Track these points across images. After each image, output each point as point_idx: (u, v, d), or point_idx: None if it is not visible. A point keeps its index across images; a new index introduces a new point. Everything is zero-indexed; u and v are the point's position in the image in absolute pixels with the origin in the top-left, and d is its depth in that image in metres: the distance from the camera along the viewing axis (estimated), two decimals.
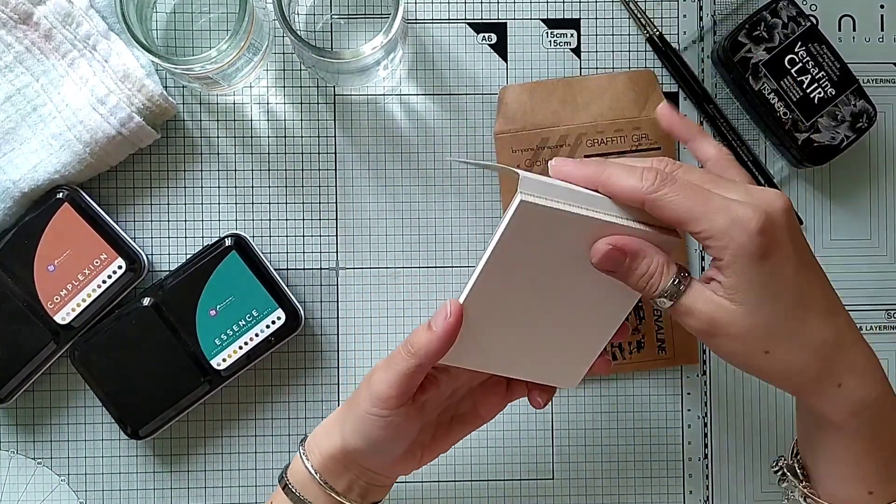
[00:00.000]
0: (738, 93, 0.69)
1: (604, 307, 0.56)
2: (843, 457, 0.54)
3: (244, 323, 0.65)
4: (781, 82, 0.67)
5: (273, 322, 0.65)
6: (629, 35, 0.70)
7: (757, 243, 0.48)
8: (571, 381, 0.58)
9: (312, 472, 0.57)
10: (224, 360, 0.65)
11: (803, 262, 0.50)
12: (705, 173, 0.52)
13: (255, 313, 0.65)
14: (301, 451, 0.58)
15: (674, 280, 0.51)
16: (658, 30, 0.70)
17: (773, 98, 0.67)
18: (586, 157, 0.68)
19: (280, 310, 0.65)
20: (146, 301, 0.65)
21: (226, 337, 0.65)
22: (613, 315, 0.56)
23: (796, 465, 0.59)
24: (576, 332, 0.56)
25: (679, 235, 0.53)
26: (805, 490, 0.57)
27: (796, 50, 0.67)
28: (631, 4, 0.70)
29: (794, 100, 0.67)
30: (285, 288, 0.66)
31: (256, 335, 0.65)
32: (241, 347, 0.65)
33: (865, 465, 0.54)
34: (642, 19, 0.70)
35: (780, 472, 0.60)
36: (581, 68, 0.70)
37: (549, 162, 0.53)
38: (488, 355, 0.56)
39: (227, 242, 0.65)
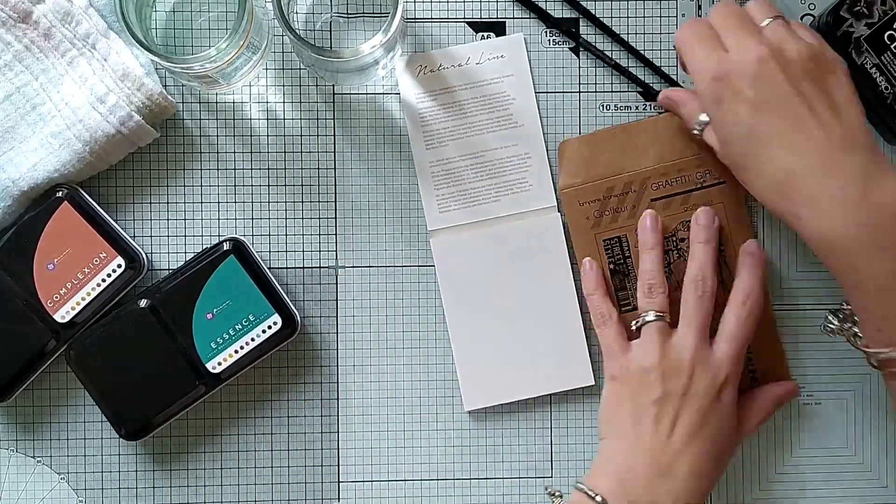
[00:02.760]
0: None
1: (555, 301, 0.68)
2: (846, 293, 0.57)
3: (240, 327, 0.65)
4: (882, 57, 0.66)
5: (269, 327, 0.65)
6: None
7: (711, 88, 0.58)
8: (586, 377, 0.68)
9: None
10: (220, 363, 0.65)
11: (763, 104, 0.56)
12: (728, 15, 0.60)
13: (251, 318, 0.65)
14: None
15: (698, 123, 0.62)
16: None
17: (875, 73, 0.66)
18: (653, 200, 0.67)
19: (276, 315, 0.65)
20: (143, 303, 0.65)
21: (222, 340, 0.65)
22: (570, 305, 0.68)
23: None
24: (552, 332, 0.68)
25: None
26: (848, 333, 0.64)
27: (895, 26, 0.66)
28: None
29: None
30: (283, 293, 0.66)
31: (252, 339, 0.65)
32: (236, 351, 0.65)
33: (858, 300, 0.54)
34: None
35: (833, 316, 0.66)
36: (580, 68, 0.69)
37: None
38: (503, 385, 0.68)
39: (226, 247, 0.66)
